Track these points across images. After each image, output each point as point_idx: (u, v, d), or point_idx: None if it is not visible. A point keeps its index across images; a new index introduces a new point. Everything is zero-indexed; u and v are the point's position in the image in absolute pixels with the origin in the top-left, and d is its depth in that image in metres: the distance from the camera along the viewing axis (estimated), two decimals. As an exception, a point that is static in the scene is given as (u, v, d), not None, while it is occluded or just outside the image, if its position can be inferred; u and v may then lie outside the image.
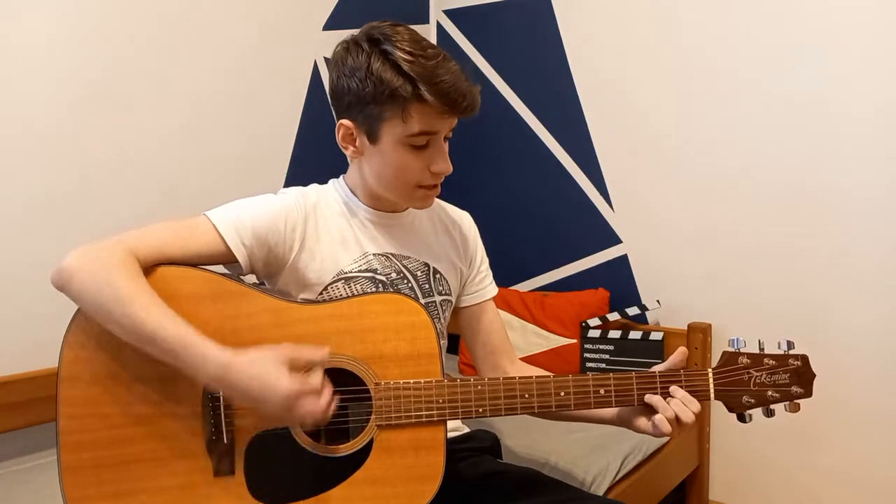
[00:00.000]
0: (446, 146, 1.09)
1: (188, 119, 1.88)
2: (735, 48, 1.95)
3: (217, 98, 1.94)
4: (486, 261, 1.31)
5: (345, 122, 1.08)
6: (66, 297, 0.95)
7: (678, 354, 1.07)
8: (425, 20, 2.58)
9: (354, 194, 1.16)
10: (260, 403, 0.90)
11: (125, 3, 1.73)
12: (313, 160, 2.17)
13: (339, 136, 1.10)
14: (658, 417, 1.01)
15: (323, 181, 1.21)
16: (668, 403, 1.02)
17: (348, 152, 1.11)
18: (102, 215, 1.71)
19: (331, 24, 2.22)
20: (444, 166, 1.07)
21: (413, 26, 1.06)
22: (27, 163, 1.59)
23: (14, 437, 1.58)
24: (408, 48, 1.00)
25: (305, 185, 1.18)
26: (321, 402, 0.90)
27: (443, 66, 1.00)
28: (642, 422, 1.05)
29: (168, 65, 1.83)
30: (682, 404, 1.02)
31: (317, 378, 0.91)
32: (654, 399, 1.03)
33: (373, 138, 1.06)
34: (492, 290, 1.29)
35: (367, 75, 1.01)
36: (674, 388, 1.03)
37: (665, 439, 1.81)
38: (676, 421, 1.01)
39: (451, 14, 2.55)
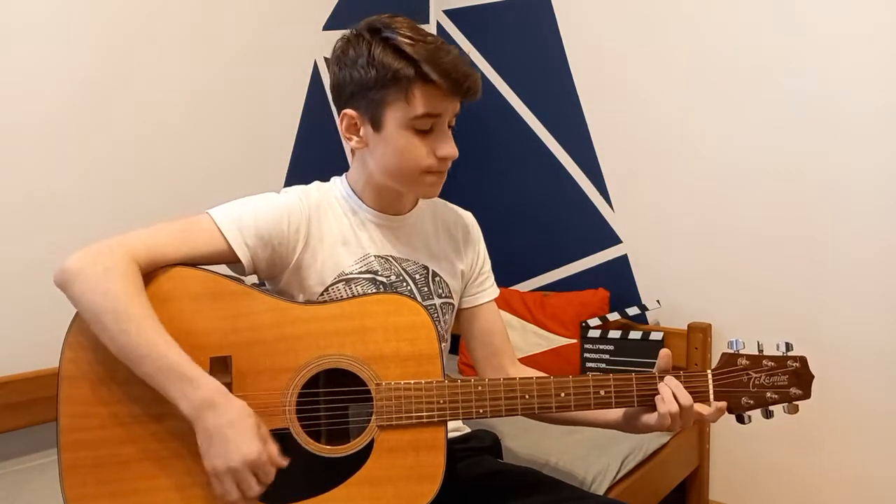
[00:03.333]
0: (450, 134, 1.09)
1: (188, 119, 1.88)
2: (735, 48, 1.95)
3: (217, 98, 1.94)
4: (489, 262, 1.30)
5: (348, 111, 1.08)
6: (66, 296, 0.95)
7: (662, 358, 1.07)
8: (425, 20, 2.58)
9: (356, 194, 1.15)
10: (219, 449, 0.89)
11: (125, 3, 1.73)
12: (313, 160, 2.16)
13: (342, 127, 1.10)
14: (659, 404, 1.02)
15: (323, 181, 1.20)
16: (664, 385, 1.03)
17: (352, 143, 1.10)
18: (102, 215, 1.71)
19: (331, 24, 2.22)
20: (450, 150, 1.07)
21: (412, 26, 1.06)
22: (27, 163, 1.59)
23: (14, 437, 1.58)
24: (408, 33, 1.01)
25: (306, 184, 1.17)
26: (256, 489, 0.90)
27: (443, 49, 1.02)
28: (647, 417, 1.06)
29: (168, 64, 1.83)
30: (680, 386, 1.03)
31: (275, 465, 0.92)
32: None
33: (377, 125, 1.06)
34: (492, 292, 1.29)
35: (368, 62, 1.02)
36: (667, 378, 1.04)
37: (664, 439, 1.81)
38: (675, 399, 1.01)
39: (451, 14, 2.55)
